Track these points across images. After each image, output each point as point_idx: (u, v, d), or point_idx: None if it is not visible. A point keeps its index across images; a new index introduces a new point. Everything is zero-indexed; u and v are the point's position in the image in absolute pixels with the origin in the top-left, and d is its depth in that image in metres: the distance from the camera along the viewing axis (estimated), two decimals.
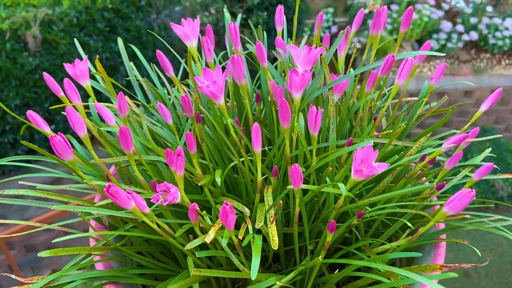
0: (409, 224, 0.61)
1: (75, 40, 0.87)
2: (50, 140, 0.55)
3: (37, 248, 2.92)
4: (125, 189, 0.66)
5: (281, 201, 0.64)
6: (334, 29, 4.40)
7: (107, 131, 0.73)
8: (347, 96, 0.72)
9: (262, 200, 0.67)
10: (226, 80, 0.94)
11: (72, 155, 0.57)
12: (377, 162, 0.54)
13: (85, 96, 0.76)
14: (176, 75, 0.96)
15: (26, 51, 3.12)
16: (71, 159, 0.57)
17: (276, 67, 0.90)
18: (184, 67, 0.98)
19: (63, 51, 3.11)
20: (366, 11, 4.24)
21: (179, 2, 3.49)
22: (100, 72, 0.72)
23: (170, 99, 0.89)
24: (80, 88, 0.75)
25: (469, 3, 4.46)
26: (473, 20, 4.16)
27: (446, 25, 4.07)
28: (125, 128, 0.55)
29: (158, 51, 0.67)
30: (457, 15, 4.40)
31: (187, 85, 0.99)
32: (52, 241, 0.53)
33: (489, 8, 4.34)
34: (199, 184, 0.63)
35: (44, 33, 3.09)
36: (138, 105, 0.93)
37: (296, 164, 0.52)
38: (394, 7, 4.15)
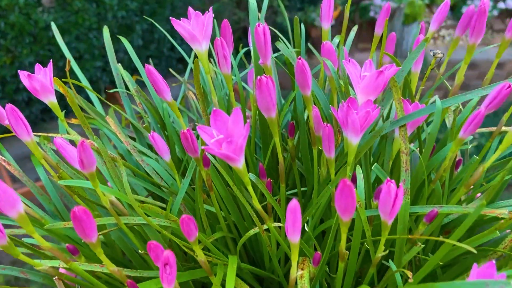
0: None
1: None
2: None
3: None
4: None
5: None
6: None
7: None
8: (430, 138, 0.48)
9: None
10: (248, 90, 0.70)
11: (5, 240, 0.36)
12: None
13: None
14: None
15: (40, 6, 2.91)
16: (4, 244, 0.37)
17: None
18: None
19: (77, 8, 2.89)
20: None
21: None
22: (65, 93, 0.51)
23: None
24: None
25: None
26: None
27: None
28: (81, 212, 0.34)
29: (147, 66, 0.44)
30: None
31: None
32: None
33: None
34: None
35: None
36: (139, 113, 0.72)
37: None
38: None
